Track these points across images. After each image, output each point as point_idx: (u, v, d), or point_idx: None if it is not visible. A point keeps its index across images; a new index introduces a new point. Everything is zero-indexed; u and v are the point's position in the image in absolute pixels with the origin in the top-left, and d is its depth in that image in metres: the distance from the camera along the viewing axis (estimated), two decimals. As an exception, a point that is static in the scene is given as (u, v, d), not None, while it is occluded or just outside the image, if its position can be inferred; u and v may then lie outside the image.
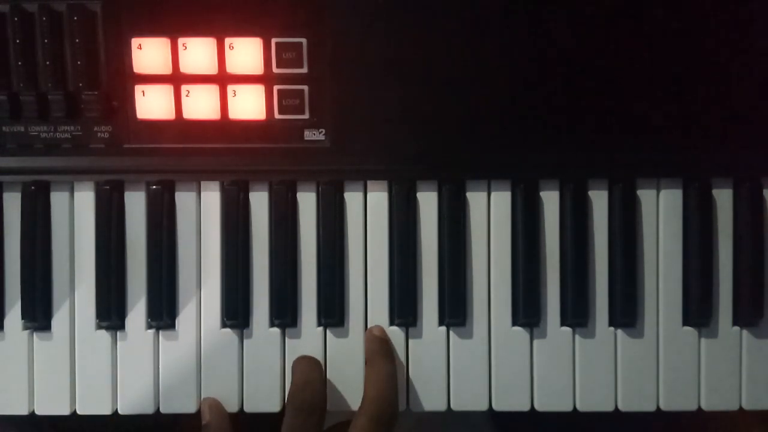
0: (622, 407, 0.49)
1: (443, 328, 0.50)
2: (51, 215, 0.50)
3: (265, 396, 0.50)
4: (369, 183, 0.50)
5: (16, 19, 0.48)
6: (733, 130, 0.48)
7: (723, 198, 0.49)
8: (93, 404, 0.50)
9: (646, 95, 0.48)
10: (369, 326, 0.50)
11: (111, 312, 0.49)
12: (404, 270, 0.49)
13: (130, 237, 0.50)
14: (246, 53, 0.48)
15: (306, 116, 0.49)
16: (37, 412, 0.50)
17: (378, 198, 0.50)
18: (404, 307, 0.49)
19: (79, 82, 0.48)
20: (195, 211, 0.50)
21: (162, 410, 0.50)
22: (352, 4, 0.48)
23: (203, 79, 0.48)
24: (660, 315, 0.49)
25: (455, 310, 0.49)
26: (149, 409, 0.50)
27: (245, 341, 0.50)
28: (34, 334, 0.50)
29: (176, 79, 0.48)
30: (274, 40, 0.48)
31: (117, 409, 0.50)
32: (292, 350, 0.50)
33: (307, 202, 0.50)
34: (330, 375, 0.50)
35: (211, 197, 0.50)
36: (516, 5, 0.48)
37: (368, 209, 0.50)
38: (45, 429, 0.57)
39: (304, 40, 0.48)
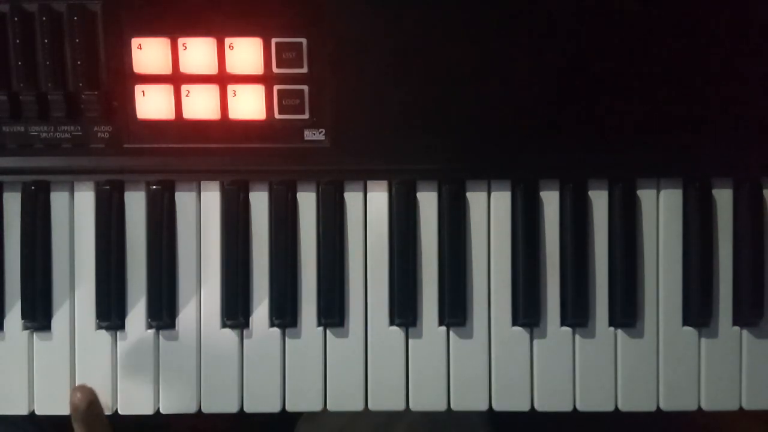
0: (622, 407, 0.49)
1: (443, 328, 0.50)
2: (51, 215, 0.50)
3: (265, 396, 0.50)
4: (369, 183, 0.50)
5: (16, 19, 0.48)
6: (733, 130, 0.48)
7: (723, 198, 0.49)
8: (93, 404, 0.50)
9: (646, 95, 0.48)
10: (369, 326, 0.49)
11: (111, 312, 0.49)
12: (404, 270, 0.49)
13: (130, 237, 0.50)
14: (246, 53, 0.48)
15: (306, 116, 0.49)
16: (37, 412, 0.50)
17: (378, 198, 0.50)
18: (404, 307, 0.49)
19: (79, 82, 0.48)
20: (195, 211, 0.50)
21: (162, 410, 0.50)
22: (352, 4, 0.48)
23: (203, 79, 0.48)
24: (660, 315, 0.49)
25: (455, 310, 0.49)
26: (149, 409, 0.50)
27: (245, 341, 0.50)
28: (34, 334, 0.50)
29: (176, 79, 0.48)
30: (274, 40, 0.48)
31: (117, 409, 0.50)
32: (292, 350, 0.50)
33: (307, 202, 0.50)
34: (330, 375, 0.50)
35: (211, 197, 0.50)
36: (516, 5, 0.48)
37: (368, 209, 0.50)
38: (45, 429, 0.57)
39: (304, 40, 0.48)
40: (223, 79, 0.48)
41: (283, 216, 0.49)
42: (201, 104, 0.48)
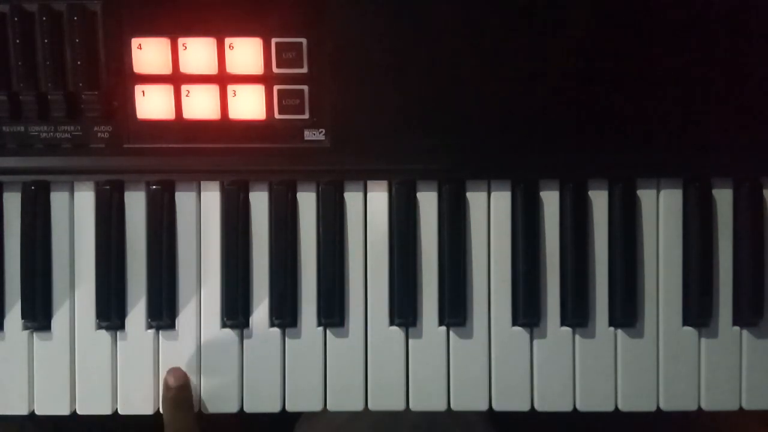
0: (622, 407, 0.49)
1: (443, 328, 0.50)
2: (51, 215, 0.50)
3: (265, 396, 0.50)
4: (369, 183, 0.50)
5: (16, 19, 0.48)
6: (733, 130, 0.48)
7: (723, 198, 0.49)
8: (93, 404, 0.50)
9: (646, 95, 0.48)
10: (369, 326, 0.49)
11: (111, 312, 0.49)
12: (404, 270, 0.49)
13: (130, 237, 0.50)
14: (246, 53, 0.48)
15: (306, 116, 0.49)
16: (37, 412, 0.50)
17: (378, 198, 0.50)
18: (404, 307, 0.49)
19: (79, 82, 0.48)
20: (195, 211, 0.50)
21: (162, 410, 0.50)
22: (352, 4, 0.48)
23: (203, 79, 0.48)
24: (660, 315, 0.49)
25: (455, 310, 0.49)
26: (149, 409, 0.50)
27: (245, 341, 0.50)
28: (34, 334, 0.50)
29: (176, 79, 0.48)
30: (274, 40, 0.48)
31: (117, 409, 0.50)
32: (292, 350, 0.50)
33: (307, 202, 0.50)
34: (330, 375, 0.50)
35: (211, 197, 0.50)
36: (515, 6, 0.48)
37: (368, 209, 0.50)
38: (45, 429, 0.57)
39: (304, 40, 0.48)
40: (223, 79, 0.48)
41: (283, 216, 0.49)
42: (201, 104, 0.48)
